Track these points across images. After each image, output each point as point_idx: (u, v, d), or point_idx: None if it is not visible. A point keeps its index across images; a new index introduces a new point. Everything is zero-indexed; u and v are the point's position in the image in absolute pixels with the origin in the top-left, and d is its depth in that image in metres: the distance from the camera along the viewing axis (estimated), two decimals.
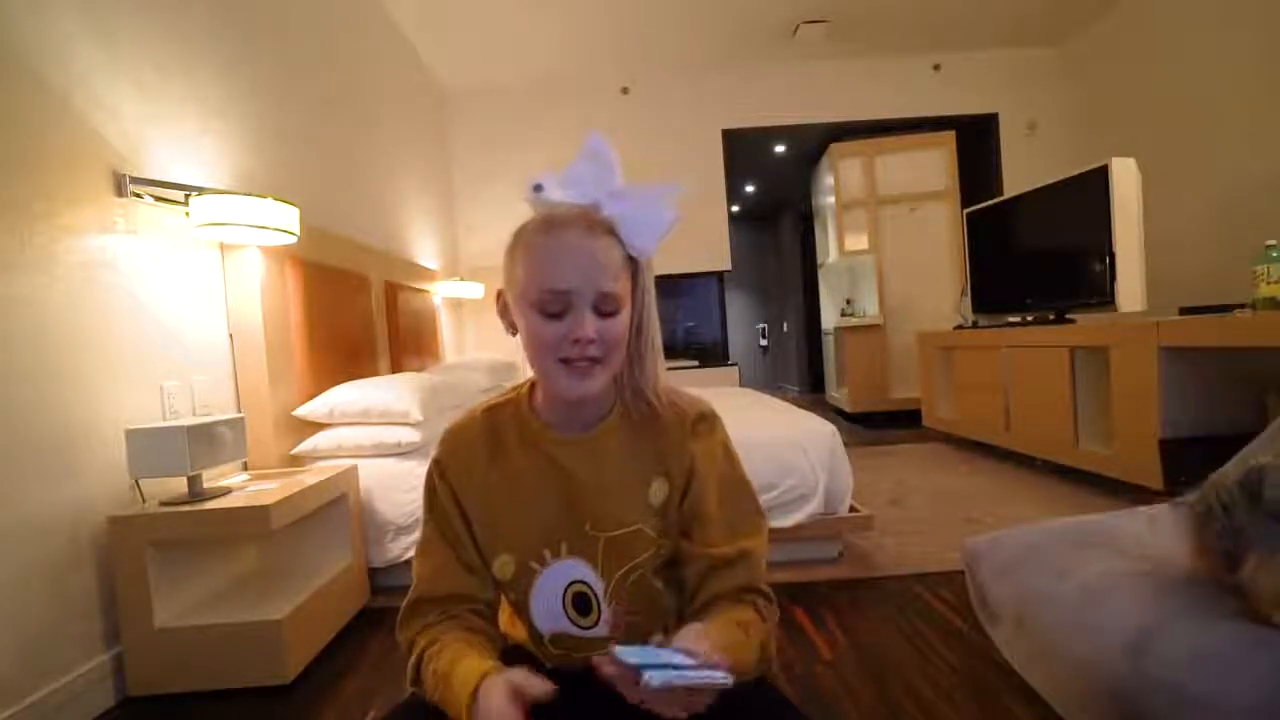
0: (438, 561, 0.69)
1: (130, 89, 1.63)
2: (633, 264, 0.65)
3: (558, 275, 0.61)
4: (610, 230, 0.63)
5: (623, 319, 0.63)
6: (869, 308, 4.88)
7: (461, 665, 0.59)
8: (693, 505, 0.69)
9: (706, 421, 0.71)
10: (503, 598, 0.77)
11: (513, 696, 0.54)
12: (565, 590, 0.70)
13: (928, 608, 1.67)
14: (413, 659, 0.64)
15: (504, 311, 0.68)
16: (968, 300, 3.84)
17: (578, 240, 0.61)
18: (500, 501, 0.69)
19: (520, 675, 0.55)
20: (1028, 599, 1.04)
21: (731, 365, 4.87)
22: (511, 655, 0.77)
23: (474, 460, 0.70)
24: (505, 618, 0.80)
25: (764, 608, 0.68)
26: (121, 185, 1.55)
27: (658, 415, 0.70)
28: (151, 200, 1.63)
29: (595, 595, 0.69)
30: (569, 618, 0.70)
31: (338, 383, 2.17)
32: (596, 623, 0.70)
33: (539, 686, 0.54)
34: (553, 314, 0.61)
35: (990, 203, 3.69)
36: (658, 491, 0.69)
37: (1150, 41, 3.70)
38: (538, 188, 0.63)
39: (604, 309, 0.62)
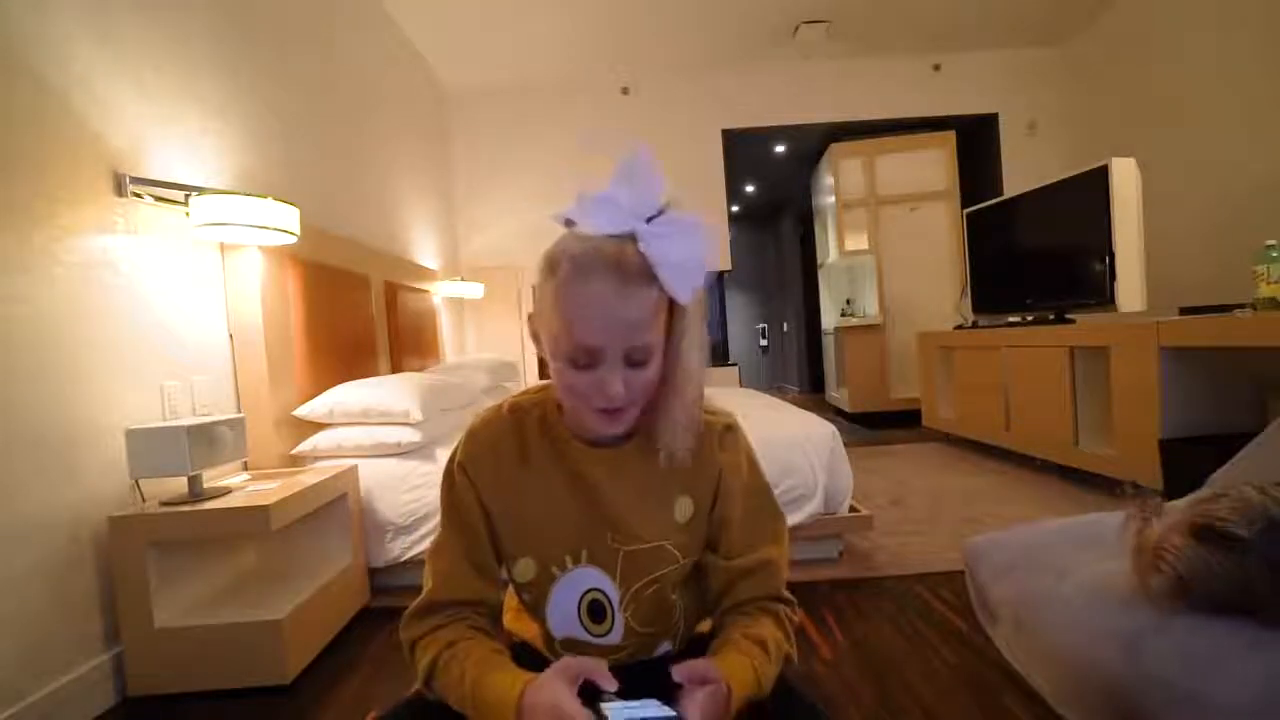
0: (453, 563, 0.68)
1: (130, 89, 1.63)
2: (670, 301, 0.61)
3: (589, 331, 0.58)
4: (646, 274, 0.57)
5: (654, 365, 0.61)
6: (869, 308, 4.88)
7: (499, 674, 0.59)
8: (717, 516, 0.70)
9: (732, 434, 0.71)
10: (510, 594, 0.77)
11: (570, 680, 0.55)
12: (582, 597, 0.69)
13: (928, 608, 1.67)
14: (425, 661, 0.64)
15: (536, 336, 0.66)
16: (968, 300, 3.84)
17: (610, 295, 0.56)
18: (527, 505, 0.69)
19: (576, 663, 0.57)
20: (1027, 599, 1.04)
21: (731, 365, 4.87)
22: (517, 652, 0.77)
23: (501, 461, 0.69)
24: (510, 614, 0.80)
25: (786, 615, 0.69)
26: (121, 185, 1.55)
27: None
28: (151, 200, 1.63)
29: (610, 604, 0.69)
30: (582, 624, 0.70)
31: (338, 383, 2.17)
32: (609, 631, 0.70)
33: (599, 669, 0.56)
34: (582, 366, 0.59)
35: (990, 203, 3.69)
36: (683, 508, 0.69)
37: (1150, 41, 3.70)
38: (568, 222, 0.60)
39: (634, 359, 0.59)
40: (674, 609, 0.71)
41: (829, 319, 5.45)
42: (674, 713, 0.53)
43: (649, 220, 0.58)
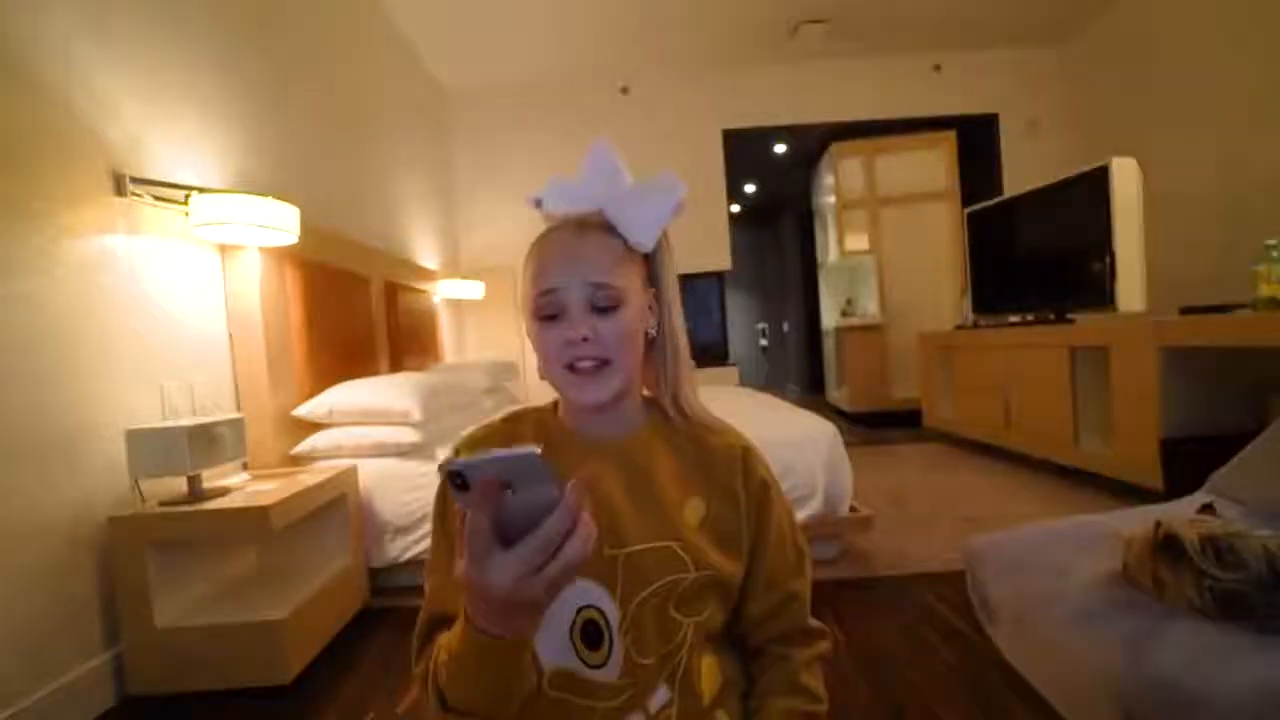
0: (446, 580, 0.63)
1: (130, 89, 1.63)
2: (646, 262, 0.64)
3: (545, 275, 0.60)
4: (606, 227, 0.62)
5: (625, 315, 0.60)
6: (869, 308, 4.88)
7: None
8: (756, 561, 0.67)
9: (758, 455, 0.68)
10: None
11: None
12: (575, 617, 0.61)
13: (928, 608, 1.67)
14: (430, 685, 0.57)
15: (529, 332, 0.66)
16: (968, 300, 3.84)
17: (566, 238, 0.61)
18: None
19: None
20: (1028, 599, 1.04)
21: (731, 365, 4.86)
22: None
23: None
24: None
25: (819, 654, 0.68)
26: (121, 185, 1.55)
27: (701, 433, 0.67)
28: (151, 200, 1.63)
29: (608, 625, 0.61)
30: (576, 651, 0.61)
31: (337, 383, 2.17)
32: (605, 661, 0.61)
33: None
34: (548, 317, 0.60)
35: (990, 203, 3.69)
36: (694, 511, 0.64)
37: (1150, 41, 3.70)
38: (537, 203, 0.64)
39: (599, 304, 0.60)
40: (679, 631, 0.62)
41: (829, 319, 5.45)
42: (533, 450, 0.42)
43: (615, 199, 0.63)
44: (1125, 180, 2.74)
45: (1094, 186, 2.81)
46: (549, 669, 0.62)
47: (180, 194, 1.67)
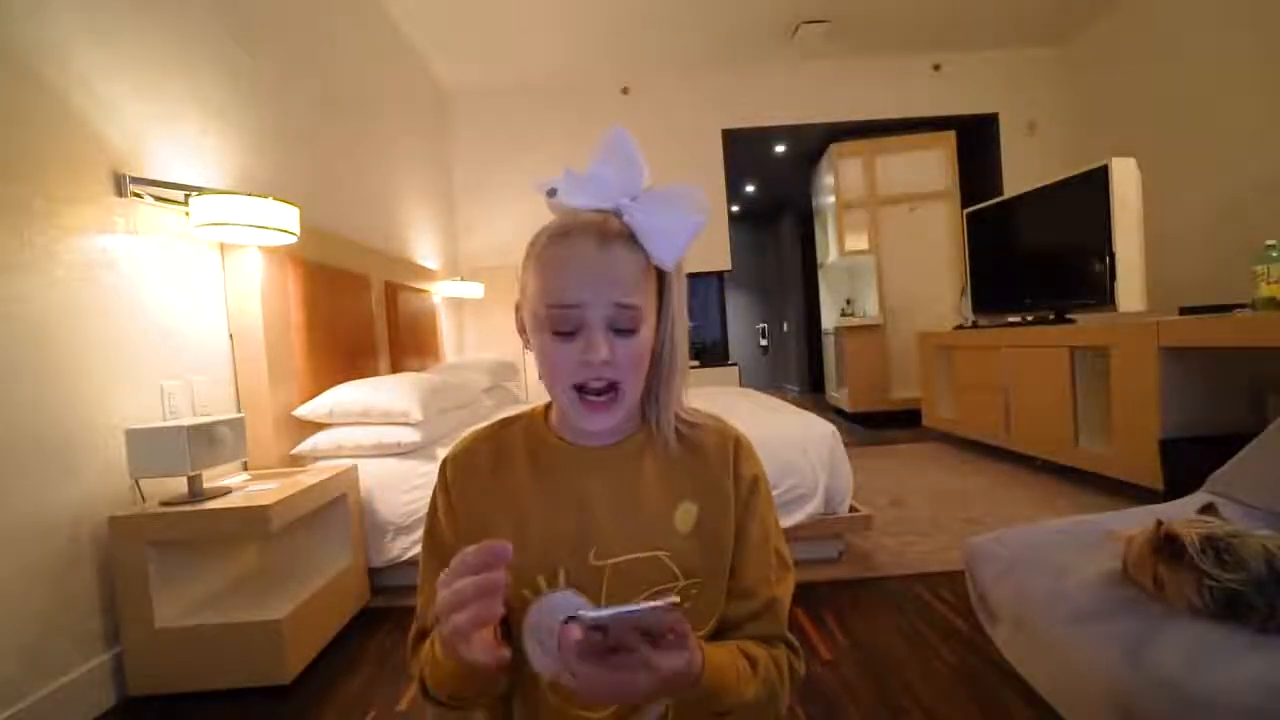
0: (433, 590, 0.63)
1: (130, 89, 1.63)
2: (659, 276, 0.60)
3: (566, 289, 0.56)
4: (628, 238, 0.57)
5: (643, 337, 0.58)
6: (869, 308, 4.88)
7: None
8: (735, 558, 0.64)
9: (749, 448, 0.66)
10: None
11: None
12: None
13: (928, 608, 1.67)
14: (417, 678, 0.61)
15: (522, 327, 0.63)
16: (968, 300, 3.84)
17: (589, 249, 0.56)
18: (497, 516, 0.63)
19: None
20: (1027, 599, 1.04)
21: (731, 365, 4.87)
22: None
23: (476, 470, 0.65)
24: None
25: (789, 659, 0.64)
26: (121, 185, 1.55)
27: (692, 435, 0.65)
28: (151, 200, 1.63)
29: None
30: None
31: (338, 383, 2.17)
32: None
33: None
34: (564, 333, 0.56)
35: (990, 203, 3.69)
36: (685, 515, 0.62)
37: (1150, 41, 3.70)
38: (551, 192, 0.59)
39: (621, 325, 0.56)
40: None
41: (829, 319, 5.45)
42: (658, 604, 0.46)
43: (633, 198, 0.58)
44: (1125, 180, 2.74)
45: (1094, 186, 2.81)
46: (547, 677, 0.60)
47: (180, 194, 1.67)
